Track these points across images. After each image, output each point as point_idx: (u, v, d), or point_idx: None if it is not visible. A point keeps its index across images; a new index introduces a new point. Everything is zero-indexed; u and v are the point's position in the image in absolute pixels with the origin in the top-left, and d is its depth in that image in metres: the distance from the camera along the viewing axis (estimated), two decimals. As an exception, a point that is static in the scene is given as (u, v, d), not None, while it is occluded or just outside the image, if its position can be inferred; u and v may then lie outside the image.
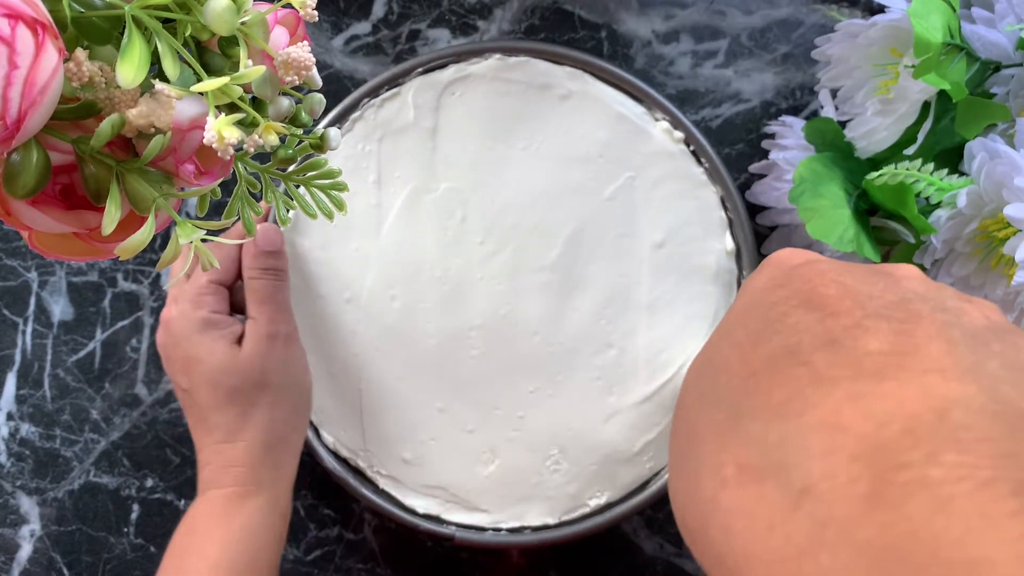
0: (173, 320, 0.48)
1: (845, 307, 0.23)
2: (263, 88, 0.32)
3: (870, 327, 0.22)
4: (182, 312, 0.48)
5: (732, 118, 0.59)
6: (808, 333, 0.23)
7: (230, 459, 0.47)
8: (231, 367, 0.47)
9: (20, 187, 0.29)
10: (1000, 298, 0.47)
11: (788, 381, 0.22)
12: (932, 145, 0.49)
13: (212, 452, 0.47)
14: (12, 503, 0.58)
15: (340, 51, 0.59)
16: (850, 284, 0.24)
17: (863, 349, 0.22)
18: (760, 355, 0.24)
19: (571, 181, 0.55)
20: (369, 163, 0.55)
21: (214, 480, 0.47)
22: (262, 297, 0.49)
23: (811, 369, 0.22)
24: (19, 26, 0.26)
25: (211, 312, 0.48)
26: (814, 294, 0.24)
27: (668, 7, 0.59)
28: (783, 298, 0.25)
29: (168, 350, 0.49)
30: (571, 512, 0.54)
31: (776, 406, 0.22)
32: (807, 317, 0.24)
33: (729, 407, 0.24)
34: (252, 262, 0.49)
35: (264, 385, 0.47)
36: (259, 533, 0.46)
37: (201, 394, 0.47)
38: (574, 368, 0.54)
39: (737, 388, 0.24)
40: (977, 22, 0.49)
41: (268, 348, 0.48)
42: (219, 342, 0.47)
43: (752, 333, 0.25)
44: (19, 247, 0.59)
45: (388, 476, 0.54)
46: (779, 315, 0.25)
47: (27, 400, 0.59)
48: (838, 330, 0.23)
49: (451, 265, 0.54)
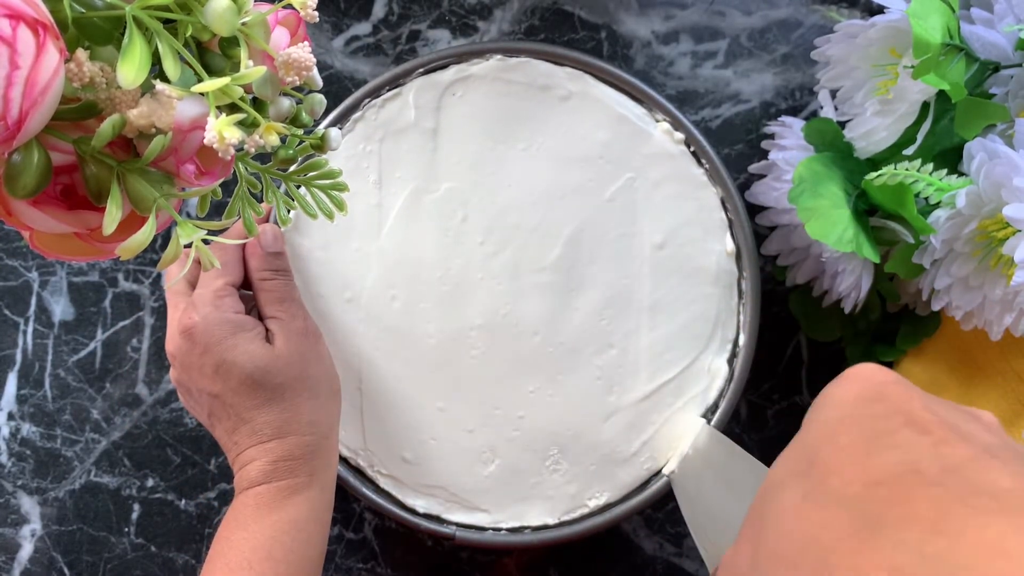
0: (197, 326, 0.47)
1: (950, 438, 0.26)
2: (264, 89, 0.32)
3: (991, 465, 0.25)
4: (205, 317, 0.47)
5: (732, 119, 0.59)
6: (924, 455, 0.26)
7: (281, 454, 0.46)
8: (270, 365, 0.46)
9: (21, 187, 0.29)
10: (999, 298, 0.47)
11: (928, 499, 0.24)
12: (931, 145, 0.49)
13: (259, 451, 0.46)
14: (13, 503, 0.58)
15: (340, 52, 0.59)
16: (943, 415, 0.27)
17: (996, 485, 0.24)
18: (877, 465, 0.26)
19: (571, 182, 0.55)
20: (370, 163, 0.55)
21: (263, 477, 0.46)
22: (280, 296, 0.49)
23: (948, 491, 0.24)
24: (20, 27, 0.26)
25: (234, 313, 0.47)
26: (916, 416, 0.27)
27: (668, 8, 0.59)
28: (884, 414, 0.27)
29: (192, 358, 0.47)
30: (571, 512, 0.54)
31: (929, 521, 0.24)
32: (918, 439, 0.26)
33: (857, 512, 0.25)
34: (261, 264, 0.49)
35: (304, 379, 0.47)
36: (308, 525, 0.46)
37: (239, 397, 0.46)
38: (574, 368, 0.54)
39: (861, 495, 0.25)
40: (976, 23, 0.49)
41: (303, 343, 0.48)
42: (253, 343, 0.47)
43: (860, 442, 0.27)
44: (20, 247, 0.59)
45: (388, 476, 0.54)
46: (886, 431, 0.27)
47: (28, 400, 0.59)
48: (956, 459, 0.25)
49: (452, 265, 0.54)
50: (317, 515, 0.47)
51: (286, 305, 0.49)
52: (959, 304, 0.49)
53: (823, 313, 0.57)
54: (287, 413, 0.47)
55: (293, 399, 0.47)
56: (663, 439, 0.54)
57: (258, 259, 0.49)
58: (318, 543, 0.47)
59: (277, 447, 0.46)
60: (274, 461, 0.46)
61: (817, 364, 0.59)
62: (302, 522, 0.46)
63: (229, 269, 0.49)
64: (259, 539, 0.45)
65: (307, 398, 0.47)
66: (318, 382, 0.48)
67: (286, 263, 0.51)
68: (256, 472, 0.46)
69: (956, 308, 0.49)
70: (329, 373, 0.50)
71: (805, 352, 0.59)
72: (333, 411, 0.50)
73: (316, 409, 0.48)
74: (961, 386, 0.56)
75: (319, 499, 0.47)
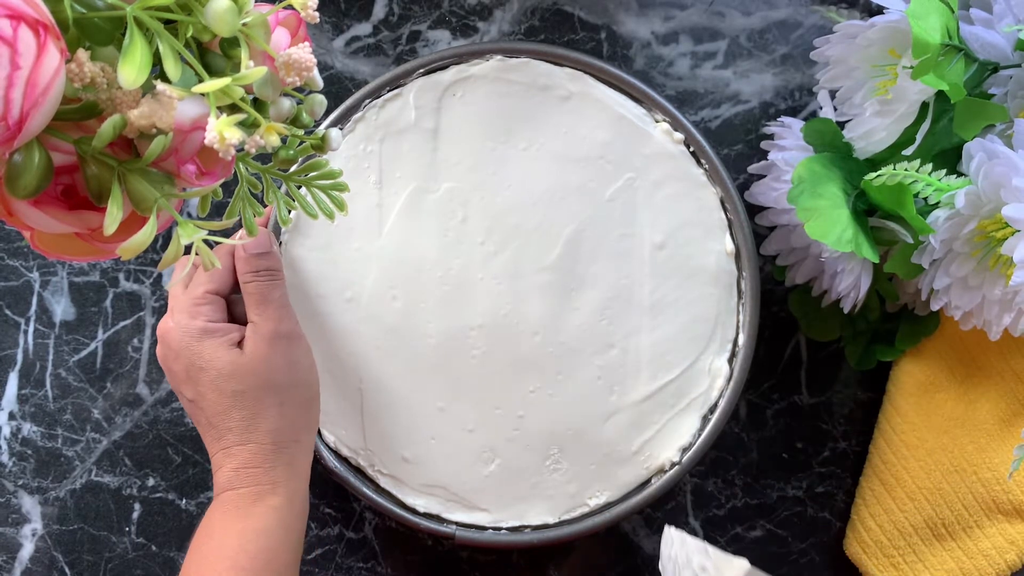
0: (169, 332, 0.48)
1: None
2: (264, 89, 0.32)
3: None
4: (178, 323, 0.48)
5: (731, 119, 0.59)
6: None
7: (243, 461, 0.47)
8: (235, 371, 0.47)
9: (22, 187, 0.29)
10: (998, 298, 0.47)
11: None
12: (930, 145, 0.49)
13: (224, 456, 0.47)
14: (14, 502, 0.59)
15: (341, 52, 0.59)
16: None
17: None
18: None
19: (572, 182, 0.55)
20: (370, 164, 0.55)
21: (228, 483, 0.47)
22: (259, 299, 0.49)
23: None
24: (21, 27, 0.27)
25: (208, 321, 0.48)
26: None
27: (667, 8, 0.59)
28: None
29: (169, 362, 0.49)
30: (571, 511, 0.55)
31: None
32: None
33: None
34: (244, 266, 0.49)
35: (270, 386, 0.47)
36: (275, 533, 0.46)
37: (207, 401, 0.47)
38: (575, 368, 0.54)
39: None
40: (975, 23, 0.49)
41: (271, 348, 0.48)
42: (220, 348, 0.47)
43: None
44: (21, 247, 0.59)
45: (389, 475, 0.55)
46: None
47: (29, 400, 0.59)
48: None
49: (452, 265, 0.54)
50: (285, 523, 0.47)
51: (262, 308, 0.48)
52: (958, 304, 0.49)
53: (822, 313, 0.57)
54: (250, 420, 0.47)
55: (255, 406, 0.47)
56: (664, 439, 0.55)
57: (241, 262, 0.49)
58: (288, 551, 0.47)
59: (239, 453, 0.47)
60: (236, 468, 0.47)
61: (816, 364, 0.59)
62: (270, 530, 0.46)
63: (214, 276, 0.49)
64: (225, 549, 0.45)
65: (271, 405, 0.47)
66: (286, 389, 0.48)
67: (272, 262, 0.49)
68: (222, 478, 0.47)
69: (955, 308, 0.49)
70: (302, 379, 0.49)
71: (804, 352, 0.59)
72: (302, 418, 0.49)
73: (280, 416, 0.47)
74: (960, 386, 0.56)
75: (286, 508, 0.47)
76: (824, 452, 0.59)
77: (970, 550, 0.56)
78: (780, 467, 0.59)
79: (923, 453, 0.56)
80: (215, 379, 0.47)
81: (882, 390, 0.58)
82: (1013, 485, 0.55)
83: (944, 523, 0.56)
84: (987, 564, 0.55)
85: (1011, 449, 0.55)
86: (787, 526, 0.59)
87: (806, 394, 0.59)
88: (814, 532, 0.59)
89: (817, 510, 0.59)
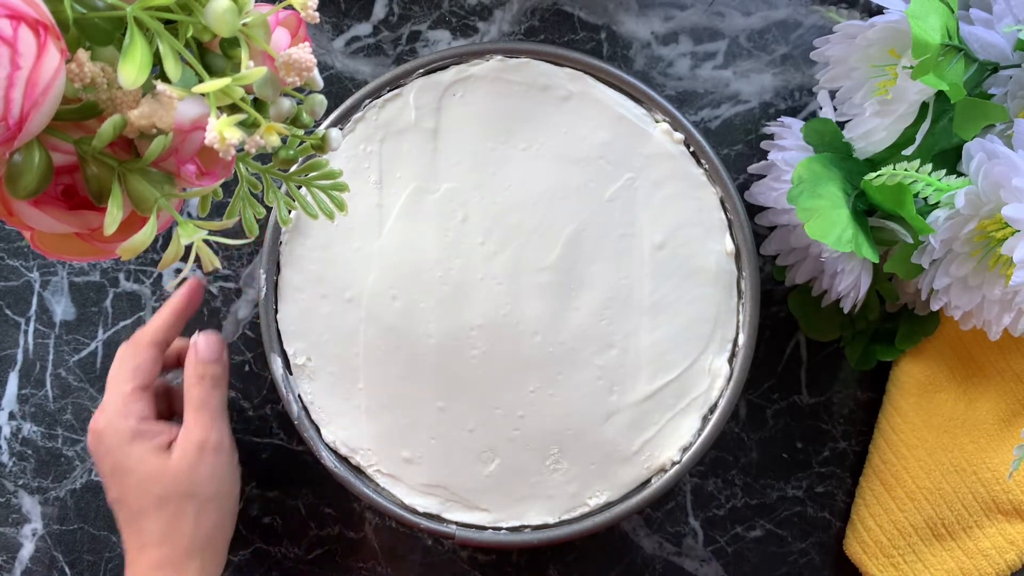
0: (102, 431, 0.50)
1: None
2: (264, 89, 0.32)
3: None
4: (109, 423, 0.50)
5: (731, 119, 0.59)
6: None
7: (156, 562, 0.49)
8: (159, 476, 0.49)
9: (22, 187, 0.29)
10: (998, 298, 0.47)
11: None
12: (930, 146, 0.49)
13: (139, 553, 0.49)
14: (14, 502, 0.59)
15: (341, 52, 0.59)
16: None
17: None
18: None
19: (572, 182, 0.55)
20: (370, 164, 0.55)
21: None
22: (198, 404, 0.51)
23: None
24: (21, 27, 0.27)
25: (139, 420, 0.50)
26: None
27: (667, 8, 0.59)
28: None
29: (98, 457, 0.50)
30: (571, 511, 0.55)
31: None
32: None
33: None
34: (192, 369, 0.51)
35: (191, 495, 0.49)
36: None
37: (130, 500, 0.50)
38: (575, 368, 0.54)
39: None
40: (975, 23, 0.49)
41: (196, 458, 0.49)
42: (148, 453, 0.49)
43: None
44: (21, 247, 0.59)
45: (388, 475, 0.55)
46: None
47: (29, 400, 0.59)
48: None
49: (452, 265, 0.54)
50: None
51: (198, 414, 0.50)
52: (958, 304, 0.49)
53: (822, 313, 0.57)
54: (168, 524, 0.49)
55: (175, 511, 0.49)
56: (664, 438, 0.55)
57: (190, 364, 0.51)
58: None
59: (154, 554, 0.49)
60: (149, 568, 0.49)
61: (816, 364, 0.59)
62: None
63: (141, 373, 0.51)
64: None
65: (190, 513, 0.49)
66: (206, 500, 0.50)
67: (218, 371, 0.52)
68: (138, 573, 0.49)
69: (955, 308, 0.49)
70: (223, 490, 0.51)
71: (804, 352, 0.59)
72: (218, 527, 0.51)
73: (197, 525, 0.50)
74: (960, 386, 0.56)
75: None
76: (824, 452, 0.59)
77: (970, 550, 0.56)
78: (780, 467, 0.59)
79: (923, 453, 0.56)
80: (140, 482, 0.49)
81: (882, 390, 0.58)
82: (1013, 485, 0.55)
83: (944, 523, 0.56)
84: (987, 564, 0.55)
85: (1011, 449, 0.55)
86: (787, 526, 0.59)
87: (806, 394, 0.59)
88: (814, 532, 0.59)
89: (817, 510, 0.59)
